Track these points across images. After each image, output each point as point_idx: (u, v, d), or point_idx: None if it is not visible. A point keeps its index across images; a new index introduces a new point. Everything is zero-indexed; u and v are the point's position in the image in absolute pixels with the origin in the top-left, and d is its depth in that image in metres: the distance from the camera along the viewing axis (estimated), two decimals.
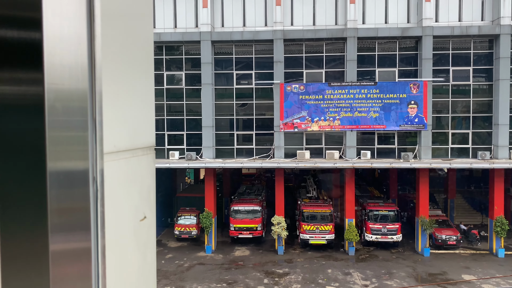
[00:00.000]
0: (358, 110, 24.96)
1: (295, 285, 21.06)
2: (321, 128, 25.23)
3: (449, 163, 24.49)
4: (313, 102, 25.18)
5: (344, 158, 25.01)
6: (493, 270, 22.65)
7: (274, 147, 25.27)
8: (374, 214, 26.30)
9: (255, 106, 25.83)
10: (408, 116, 24.68)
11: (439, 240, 25.85)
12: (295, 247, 26.87)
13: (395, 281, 21.45)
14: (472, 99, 25.07)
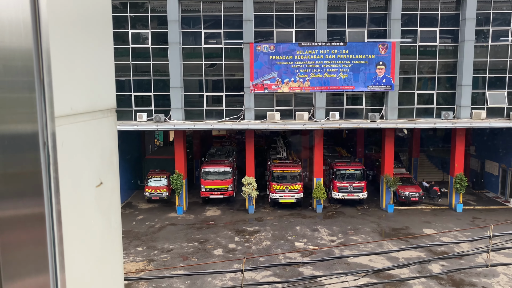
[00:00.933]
0: (328, 71, 25.03)
1: (265, 242, 21.71)
2: (291, 89, 25.23)
3: (414, 123, 25.22)
4: (283, 63, 25.01)
5: (313, 119, 25.27)
6: (452, 224, 24.04)
7: (244, 108, 25.17)
8: (341, 173, 27.07)
9: (224, 67, 25.41)
10: (376, 77, 24.99)
11: (403, 197, 27.04)
12: (265, 206, 27.48)
13: (360, 236, 22.46)
14: (438, 60, 25.55)
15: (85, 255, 1.13)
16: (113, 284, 1.32)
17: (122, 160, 28.30)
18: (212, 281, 17.36)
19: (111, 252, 1.30)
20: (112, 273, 1.31)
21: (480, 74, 25.65)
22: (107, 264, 1.28)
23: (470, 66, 25.03)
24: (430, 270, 17.71)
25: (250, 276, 17.33)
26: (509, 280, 17.30)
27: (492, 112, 25.78)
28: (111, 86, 1.30)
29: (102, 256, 1.25)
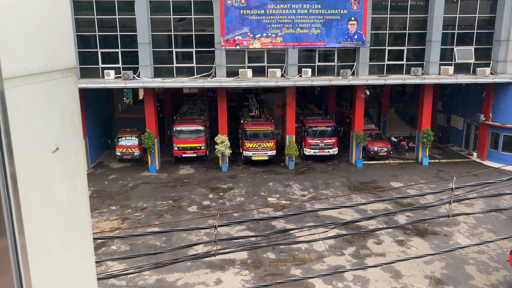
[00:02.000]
0: (300, 26, 24.66)
1: (238, 198, 22.10)
2: (263, 45, 24.83)
3: (384, 79, 25.52)
4: (255, 18, 24.42)
5: (285, 76, 25.14)
6: (418, 177, 25.06)
7: (216, 65, 24.71)
8: (313, 130, 27.42)
9: (194, 22, 24.60)
10: (348, 32, 24.85)
11: (372, 152, 27.81)
12: (239, 163, 27.74)
13: (330, 190, 23.16)
14: (409, 15, 25.54)
15: (48, 219, 1.11)
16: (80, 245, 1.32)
17: (91, 120, 27.62)
18: (187, 237, 17.69)
19: (78, 215, 1.28)
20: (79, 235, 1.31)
21: (449, 30, 25.91)
22: (74, 227, 1.27)
23: (440, 22, 25.20)
24: (397, 221, 18.61)
25: (224, 231, 17.74)
26: (468, 228, 18.43)
27: (459, 68, 26.33)
28: (69, 44, 1.23)
29: (68, 220, 1.23)
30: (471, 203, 20.05)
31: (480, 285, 14.30)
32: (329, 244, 17.03)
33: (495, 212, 19.56)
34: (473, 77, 25.84)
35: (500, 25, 25.62)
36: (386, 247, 16.92)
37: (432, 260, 15.75)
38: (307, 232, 13.00)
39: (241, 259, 16.03)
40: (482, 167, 26.46)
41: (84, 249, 1.34)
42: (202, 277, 14.97)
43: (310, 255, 16.32)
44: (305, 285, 14.28)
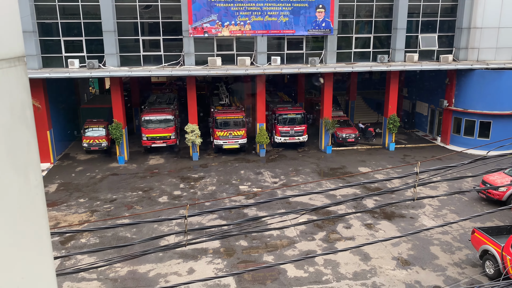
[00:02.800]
0: (269, 14, 24.58)
1: (210, 187, 22.05)
2: (232, 33, 24.62)
3: (351, 67, 25.86)
4: (223, 5, 24.14)
5: (255, 64, 25.08)
6: (385, 162, 25.71)
7: (184, 53, 24.34)
8: (283, 118, 27.58)
9: (161, 9, 24.07)
10: (316, 20, 24.97)
11: (340, 138, 28.29)
12: (210, 152, 27.61)
13: (301, 176, 23.45)
14: (375, 3, 25.89)
15: None
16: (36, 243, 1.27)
17: (55, 111, 26.74)
18: (159, 227, 17.55)
19: (32, 212, 1.24)
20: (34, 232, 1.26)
21: (414, 18, 26.46)
22: (28, 224, 1.22)
23: (405, 10, 25.68)
24: (365, 205, 19.08)
25: (196, 220, 17.70)
26: (433, 210, 19.12)
27: (424, 55, 27.01)
28: (16, 31, 1.16)
29: (21, 216, 1.18)
30: (436, 186, 20.79)
31: (444, 264, 14.92)
32: (300, 230, 17.30)
33: (458, 194, 20.37)
34: (436, 63, 26.58)
35: (461, 13, 26.38)
36: (355, 230, 17.35)
37: (399, 242, 16.28)
38: (278, 219, 13.15)
39: (214, 248, 16.06)
40: (445, 151, 27.41)
41: (40, 246, 1.29)
42: (174, 267, 14.92)
43: (282, 241, 16.54)
44: (277, 271, 14.49)
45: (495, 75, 26.19)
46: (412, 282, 13.91)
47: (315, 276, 14.24)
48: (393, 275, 14.28)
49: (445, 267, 14.74)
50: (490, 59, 26.71)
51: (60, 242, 16.68)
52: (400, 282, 13.93)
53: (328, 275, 14.32)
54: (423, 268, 14.66)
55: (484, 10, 26.00)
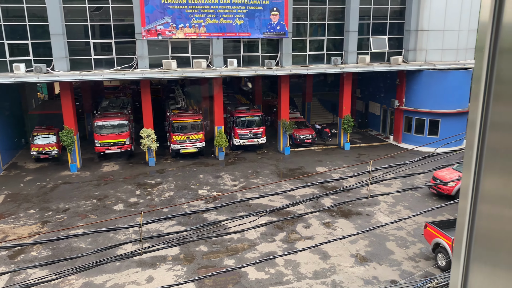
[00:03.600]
0: (224, 16, 24.51)
1: (168, 193, 21.61)
2: (187, 35, 24.33)
3: (306, 69, 26.28)
4: (176, 7, 23.81)
5: (211, 67, 24.91)
6: (341, 161, 26.29)
7: (138, 56, 23.76)
8: (242, 120, 27.57)
9: (112, 11, 23.37)
10: (271, 23, 25.18)
11: (298, 139, 28.66)
12: (167, 157, 27.09)
13: (260, 178, 23.50)
14: (328, 6, 26.47)
15: None
16: None
17: (0, 118, 25.29)
18: (115, 236, 16.96)
19: None
20: None
21: (365, 21, 27.30)
22: None
23: (356, 13, 26.44)
24: (323, 204, 19.39)
25: (154, 227, 17.28)
26: (388, 207, 19.74)
27: (375, 57, 27.92)
28: None
29: None
30: (389, 184, 21.49)
31: (399, 259, 15.41)
32: (261, 232, 17.31)
33: (411, 190, 21.16)
34: (387, 65, 27.55)
35: (409, 16, 27.52)
36: (314, 230, 17.58)
37: (356, 240, 16.66)
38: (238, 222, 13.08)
39: (173, 255, 15.73)
40: (398, 149, 28.44)
41: None
42: (132, 276, 14.46)
43: (242, 244, 16.47)
44: (238, 274, 14.40)
45: (441, 75, 27.51)
46: (370, 278, 14.26)
47: (276, 277, 14.28)
48: (352, 272, 14.58)
49: (401, 261, 15.24)
50: (437, 60, 28.02)
51: (9, 257, 15.73)
52: (359, 278, 14.25)
53: (289, 275, 14.40)
54: (380, 264, 15.08)
55: (430, 14, 27.26)
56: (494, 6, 0.70)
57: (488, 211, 0.75)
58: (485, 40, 0.72)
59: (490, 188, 0.74)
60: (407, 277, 14.13)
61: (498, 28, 0.70)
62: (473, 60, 28.26)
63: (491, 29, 0.71)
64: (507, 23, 0.69)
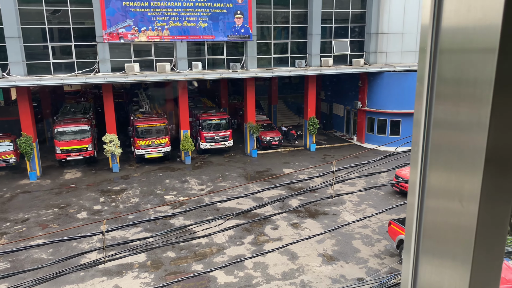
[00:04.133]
0: (187, 19, 24.33)
1: (133, 199, 21.17)
2: (150, 38, 23.97)
3: (272, 72, 26.49)
4: (138, 10, 23.43)
5: (176, 70, 24.65)
6: (307, 162, 26.63)
7: (99, 60, 23.18)
8: (208, 124, 27.42)
9: (71, 13, 22.70)
10: (235, 26, 25.22)
11: (265, 141, 28.82)
12: (131, 163, 26.55)
13: (228, 182, 23.44)
14: (291, 10, 26.81)
15: None
16: None
17: None
18: (78, 245, 16.43)
19: None
20: None
21: (328, 24, 27.83)
22: None
23: (318, 16, 26.92)
24: (291, 205, 19.56)
25: (119, 235, 16.88)
26: (353, 206, 20.16)
27: (338, 59, 28.50)
28: None
29: None
30: (355, 183, 21.96)
31: (365, 256, 15.76)
32: (229, 235, 17.24)
33: (374, 189, 21.71)
34: (349, 67, 28.19)
35: (370, 19, 28.29)
36: (283, 231, 17.70)
37: (324, 239, 16.90)
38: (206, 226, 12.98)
39: (140, 262, 15.41)
40: (361, 149, 29.12)
41: None
42: (97, 286, 14.05)
43: (211, 249, 16.35)
44: (207, 279, 14.28)
45: (401, 77, 28.43)
46: (337, 277, 14.49)
47: (245, 280, 14.26)
48: (320, 272, 14.77)
49: (367, 259, 15.58)
50: (397, 62, 28.95)
51: None
52: (327, 277, 14.46)
53: (258, 277, 14.41)
54: (347, 262, 15.36)
55: (389, 17, 28.13)
56: (433, 9, 0.73)
57: (434, 205, 0.79)
58: (427, 42, 0.75)
59: (435, 183, 0.77)
60: (373, 274, 14.47)
61: (438, 30, 0.74)
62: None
63: (431, 31, 0.74)
64: (445, 26, 0.73)
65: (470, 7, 0.67)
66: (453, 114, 0.72)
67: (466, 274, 0.72)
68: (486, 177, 0.68)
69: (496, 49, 0.63)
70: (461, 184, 0.71)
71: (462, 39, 0.69)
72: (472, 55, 0.67)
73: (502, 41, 0.63)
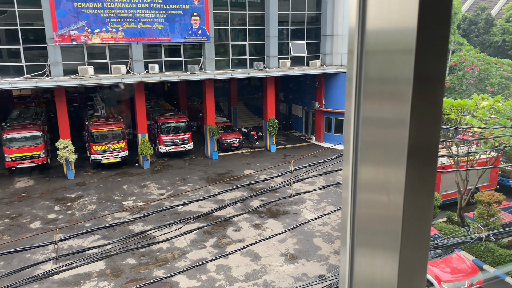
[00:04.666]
0: (143, 21, 23.88)
1: (90, 207, 20.49)
2: (104, 40, 23.32)
3: (230, 74, 26.49)
4: (91, 11, 22.74)
5: (132, 72, 24.12)
6: (268, 163, 26.83)
7: (50, 63, 22.28)
8: (166, 127, 27.02)
9: (18, 15, 21.68)
10: (192, 28, 25.03)
11: (225, 143, 28.75)
12: (87, 169, 25.69)
13: (188, 185, 23.19)
14: (248, 12, 26.94)
15: None
16: None
17: None
18: (32, 256, 15.70)
19: None
20: None
21: (285, 26, 28.19)
22: None
23: (275, 19, 27.21)
24: (252, 206, 19.62)
25: (76, 244, 16.30)
26: (313, 204, 20.51)
27: (295, 61, 28.92)
28: None
29: None
30: (314, 181, 22.36)
31: (326, 254, 16.08)
32: (191, 239, 17.07)
33: (332, 187, 22.19)
34: (307, 69, 28.68)
35: (325, 21, 28.92)
36: (245, 232, 17.73)
37: (285, 238, 17.08)
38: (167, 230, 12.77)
39: (98, 271, 14.93)
40: (320, 148, 29.69)
41: None
42: None
43: (172, 254, 16.11)
44: (169, 285, 14.06)
45: None
46: (299, 275, 14.69)
47: (208, 284, 14.16)
48: (282, 271, 14.92)
49: (327, 256, 15.90)
50: None
51: None
52: (289, 276, 14.62)
53: (221, 280, 14.35)
54: (309, 260, 15.61)
55: (343, 19, 28.85)
56: (359, 13, 0.77)
57: (365, 198, 0.82)
58: (354, 44, 0.79)
59: (365, 177, 0.81)
60: (333, 270, 14.78)
61: (363, 32, 0.77)
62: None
63: (357, 33, 0.78)
64: (369, 28, 0.76)
65: (390, 10, 0.71)
66: (379, 111, 0.77)
67: (395, 264, 0.76)
68: (409, 170, 0.72)
69: (413, 50, 0.67)
70: (387, 178, 0.75)
71: (384, 41, 0.73)
72: (393, 55, 0.72)
73: (418, 42, 0.67)
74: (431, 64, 0.69)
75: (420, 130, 0.71)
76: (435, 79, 0.70)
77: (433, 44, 0.69)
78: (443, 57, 0.70)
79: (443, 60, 0.70)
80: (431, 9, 0.67)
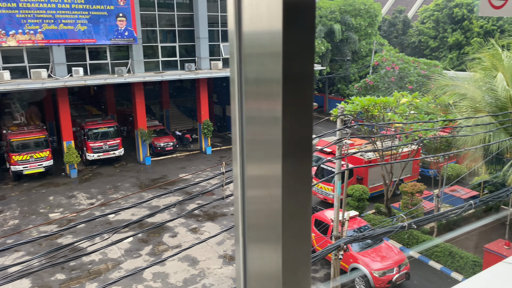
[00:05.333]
0: (64, 22, 22.63)
1: (12, 222, 19.01)
2: (20, 42, 21.77)
3: (161, 76, 25.93)
4: (4, 12, 21.12)
5: (54, 77, 22.75)
6: (204, 166, 26.63)
7: None
8: (94, 133, 25.81)
9: None
10: (118, 29, 24.17)
11: (158, 147, 28.08)
12: (7, 181, 23.81)
13: (120, 193, 22.35)
14: (176, 13, 26.56)
15: None
16: None
17: None
18: None
19: None
20: None
21: (215, 28, 28.17)
22: None
23: (205, 20, 27.10)
24: (189, 210, 19.37)
25: None
26: None
27: (227, 62, 28.99)
28: None
29: None
30: None
31: None
32: (125, 249, 16.47)
33: None
34: None
35: None
36: (182, 237, 17.46)
37: (223, 240, 17.07)
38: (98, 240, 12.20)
39: None
40: None
41: None
42: None
43: (106, 265, 15.44)
44: None
45: None
46: None
47: None
48: (221, 273, 14.90)
49: None
50: None
51: None
52: (228, 278, 14.63)
53: None
54: None
55: None
56: (236, 17, 0.80)
57: (252, 195, 0.86)
58: (234, 47, 0.82)
59: (251, 174, 0.85)
60: None
61: (240, 36, 0.81)
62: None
63: (236, 37, 0.81)
64: (245, 32, 0.80)
65: (261, 16, 0.75)
66: (258, 111, 0.80)
67: (278, 256, 0.80)
68: (285, 165, 0.76)
69: (280, 53, 0.72)
70: (267, 173, 0.79)
71: (257, 44, 0.77)
72: (265, 58, 0.76)
73: (284, 45, 0.71)
74: (298, 66, 0.74)
75: (292, 127, 0.75)
76: (303, 80, 0.76)
77: (300, 47, 0.73)
78: (310, 59, 0.75)
79: (310, 62, 0.75)
80: (295, 14, 0.72)
